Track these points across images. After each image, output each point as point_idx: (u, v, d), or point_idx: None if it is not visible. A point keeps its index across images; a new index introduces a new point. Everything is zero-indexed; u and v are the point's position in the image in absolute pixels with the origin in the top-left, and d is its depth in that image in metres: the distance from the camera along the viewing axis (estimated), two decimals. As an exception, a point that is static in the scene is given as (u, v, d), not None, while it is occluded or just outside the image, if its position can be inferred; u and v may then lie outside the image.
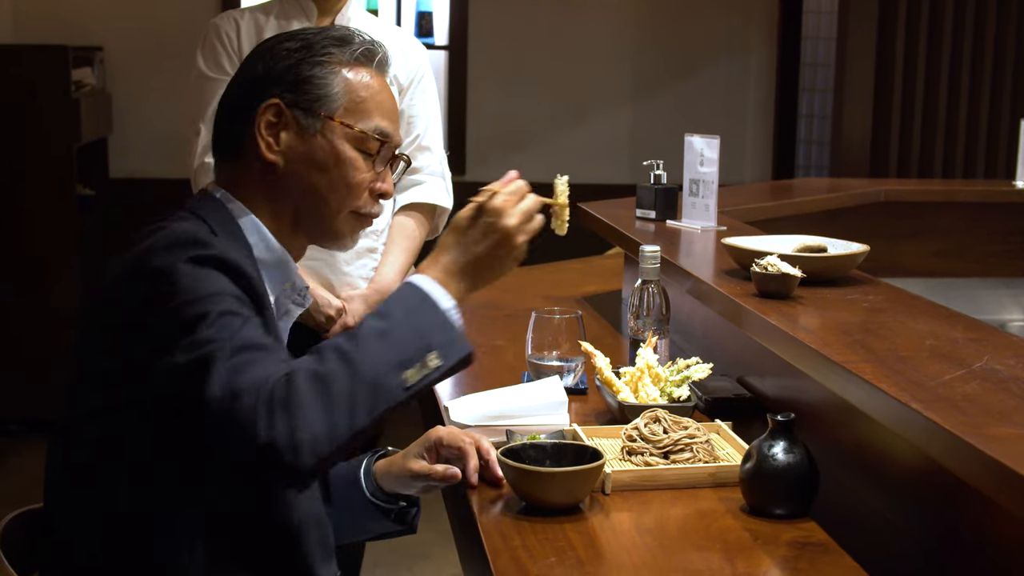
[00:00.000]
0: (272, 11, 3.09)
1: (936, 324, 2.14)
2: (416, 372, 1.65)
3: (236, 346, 1.60)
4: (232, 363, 1.58)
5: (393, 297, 1.75)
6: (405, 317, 1.69)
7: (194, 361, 1.59)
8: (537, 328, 2.56)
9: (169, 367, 1.61)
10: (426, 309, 1.72)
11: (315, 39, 1.88)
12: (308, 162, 1.85)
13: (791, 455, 1.90)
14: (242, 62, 1.94)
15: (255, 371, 1.58)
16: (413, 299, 1.73)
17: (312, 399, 1.57)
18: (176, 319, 1.62)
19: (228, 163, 1.90)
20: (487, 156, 6.78)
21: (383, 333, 1.66)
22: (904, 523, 1.89)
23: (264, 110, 1.83)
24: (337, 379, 1.59)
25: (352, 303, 3.00)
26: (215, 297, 1.64)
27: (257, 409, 1.55)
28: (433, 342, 1.68)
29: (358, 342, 1.63)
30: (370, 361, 1.62)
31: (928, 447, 1.59)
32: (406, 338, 1.67)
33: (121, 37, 6.48)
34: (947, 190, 4.88)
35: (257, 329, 1.66)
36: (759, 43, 7.08)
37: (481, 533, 1.84)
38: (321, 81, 1.85)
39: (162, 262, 1.66)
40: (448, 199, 3.19)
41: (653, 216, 3.35)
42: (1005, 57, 6.51)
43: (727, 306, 2.37)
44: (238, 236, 1.83)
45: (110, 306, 1.71)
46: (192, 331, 1.60)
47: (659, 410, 2.16)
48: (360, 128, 1.86)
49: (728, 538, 1.84)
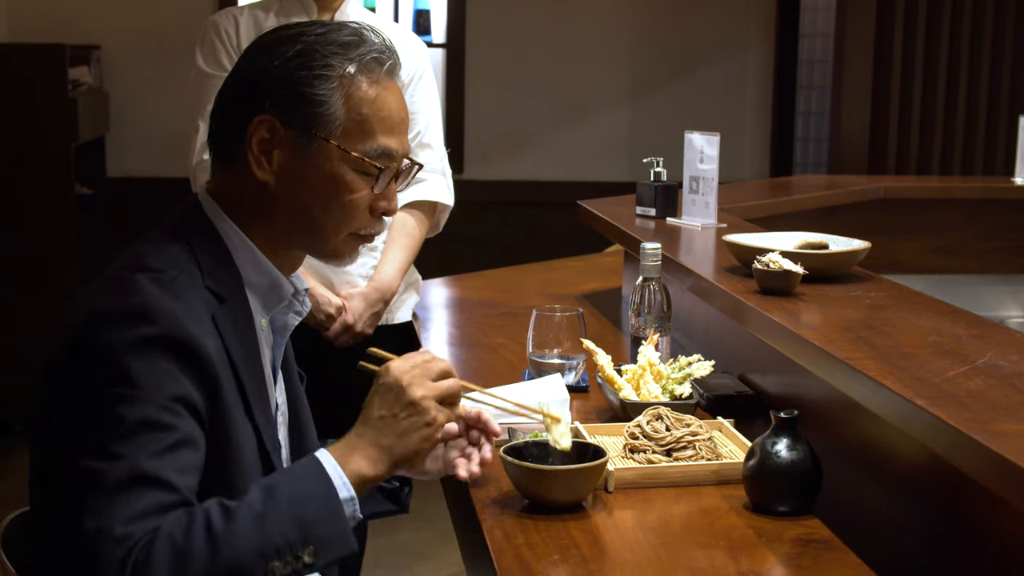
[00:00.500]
0: (272, 8, 3.08)
1: (939, 320, 2.14)
2: (284, 566, 1.53)
3: (124, 476, 1.51)
4: (111, 500, 1.50)
5: (292, 471, 1.66)
6: (290, 502, 1.57)
7: (83, 472, 1.53)
8: (538, 326, 2.55)
9: (65, 460, 1.56)
10: (317, 496, 1.60)
11: (318, 43, 1.75)
12: (302, 183, 1.75)
13: (794, 452, 1.90)
14: (240, 55, 1.83)
15: (126, 520, 1.49)
16: (309, 480, 1.62)
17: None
18: (93, 412, 1.56)
19: (223, 167, 1.81)
20: (485, 155, 6.78)
21: (260, 516, 1.54)
22: (907, 520, 1.89)
23: (257, 125, 1.72)
24: (196, 562, 1.49)
25: (352, 301, 2.99)
26: (139, 400, 1.55)
27: (112, 569, 1.47)
28: (312, 535, 1.56)
29: (232, 521, 1.53)
30: (236, 547, 1.51)
31: (933, 443, 1.58)
32: (283, 526, 1.55)
33: (118, 36, 6.47)
34: (946, 187, 4.88)
35: (164, 444, 1.55)
36: (757, 41, 7.08)
37: (484, 532, 1.84)
38: (319, 98, 1.72)
39: (104, 343, 1.57)
40: (449, 196, 3.19)
41: (653, 213, 3.34)
42: (1003, 54, 6.51)
43: (729, 303, 2.37)
44: (226, 262, 1.75)
45: (57, 356, 1.64)
46: (99, 433, 1.54)
47: (661, 408, 2.16)
48: (358, 153, 1.74)
49: (732, 535, 1.83)
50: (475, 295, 3.70)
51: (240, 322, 1.74)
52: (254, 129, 1.73)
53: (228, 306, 1.72)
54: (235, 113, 1.76)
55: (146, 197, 6.41)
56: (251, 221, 1.79)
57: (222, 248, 1.76)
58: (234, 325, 1.72)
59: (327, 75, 1.73)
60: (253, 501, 1.56)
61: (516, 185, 6.89)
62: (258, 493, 1.58)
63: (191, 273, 1.69)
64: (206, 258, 1.73)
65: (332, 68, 1.73)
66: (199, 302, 1.67)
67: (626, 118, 7.00)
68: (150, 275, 1.65)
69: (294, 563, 1.54)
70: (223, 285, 1.73)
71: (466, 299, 3.66)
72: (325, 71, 1.73)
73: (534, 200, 6.89)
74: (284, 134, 1.73)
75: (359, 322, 2.98)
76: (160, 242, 1.74)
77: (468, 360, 2.86)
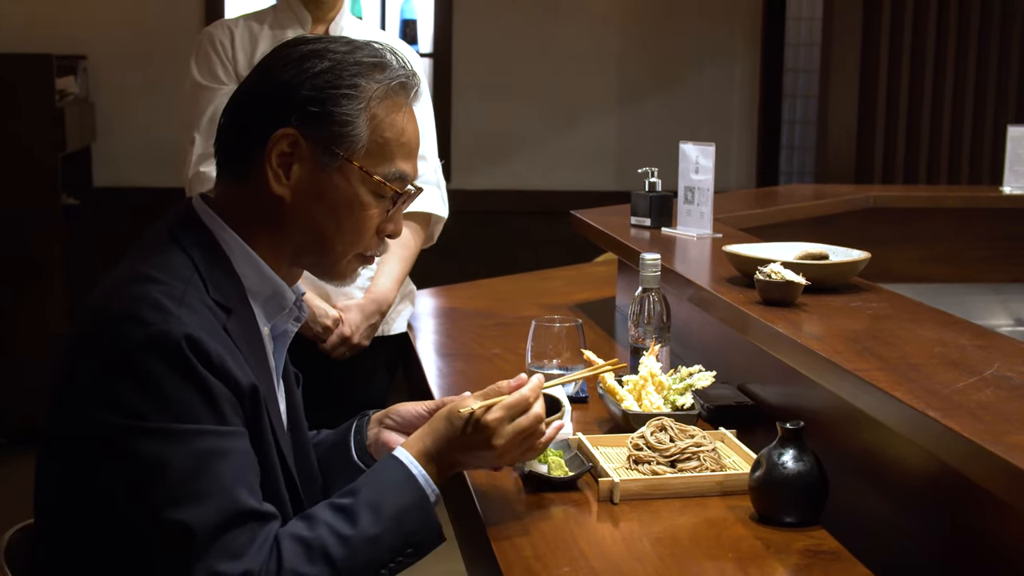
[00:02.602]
0: (266, 19, 3.08)
1: (942, 331, 2.14)
2: (389, 573, 1.70)
3: (212, 521, 1.54)
4: (212, 552, 1.53)
5: (389, 483, 1.74)
6: (396, 519, 1.70)
7: (171, 526, 1.53)
8: (537, 336, 2.55)
9: (143, 510, 1.55)
10: (417, 507, 1.74)
11: (345, 61, 1.74)
12: (318, 200, 1.74)
13: (801, 463, 1.90)
14: (258, 67, 1.80)
15: (235, 564, 1.54)
16: (407, 494, 1.74)
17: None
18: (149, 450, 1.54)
19: (230, 179, 1.79)
20: (472, 164, 6.78)
21: (373, 539, 1.67)
22: (913, 530, 1.89)
23: (278, 139, 1.71)
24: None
25: (348, 313, 2.98)
26: (188, 432, 1.56)
27: None
28: (412, 541, 1.72)
29: (349, 547, 1.65)
30: (356, 570, 1.65)
31: (946, 455, 1.58)
32: (392, 543, 1.69)
33: (105, 46, 6.45)
34: (935, 196, 4.89)
35: (234, 465, 1.58)
36: (743, 50, 7.10)
37: (492, 543, 1.83)
38: (345, 117, 1.71)
39: (140, 371, 1.55)
40: (443, 208, 3.19)
41: (648, 223, 3.34)
42: (988, 62, 6.54)
43: (731, 314, 2.37)
44: (227, 271, 1.74)
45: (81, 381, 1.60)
46: (163, 473, 1.53)
47: (665, 419, 2.16)
48: (379, 176, 1.75)
49: (740, 547, 1.83)
50: (468, 305, 3.70)
51: (247, 331, 1.74)
52: (275, 142, 1.72)
53: (235, 317, 1.71)
54: (252, 125, 1.74)
55: (132, 207, 6.40)
56: (257, 234, 1.77)
57: (222, 257, 1.75)
58: (243, 335, 1.72)
59: (354, 95, 1.73)
60: (366, 526, 1.67)
61: (503, 195, 6.89)
62: (368, 516, 1.68)
63: (195, 285, 1.68)
64: (207, 268, 1.71)
65: (360, 88, 1.73)
66: (210, 315, 1.66)
67: (613, 127, 7.00)
68: (161, 288, 1.63)
69: (397, 567, 1.70)
70: (227, 296, 1.71)
71: (459, 309, 3.66)
72: (352, 91, 1.73)
73: (520, 210, 6.89)
74: (306, 150, 1.72)
75: (356, 334, 2.97)
76: (157, 251, 1.71)
77: (465, 371, 2.86)
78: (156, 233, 1.76)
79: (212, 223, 1.76)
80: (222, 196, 1.80)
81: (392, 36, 3.32)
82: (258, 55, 3.00)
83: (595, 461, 2.10)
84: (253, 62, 3.00)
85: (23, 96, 5.57)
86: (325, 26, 3.08)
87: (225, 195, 1.80)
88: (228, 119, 1.80)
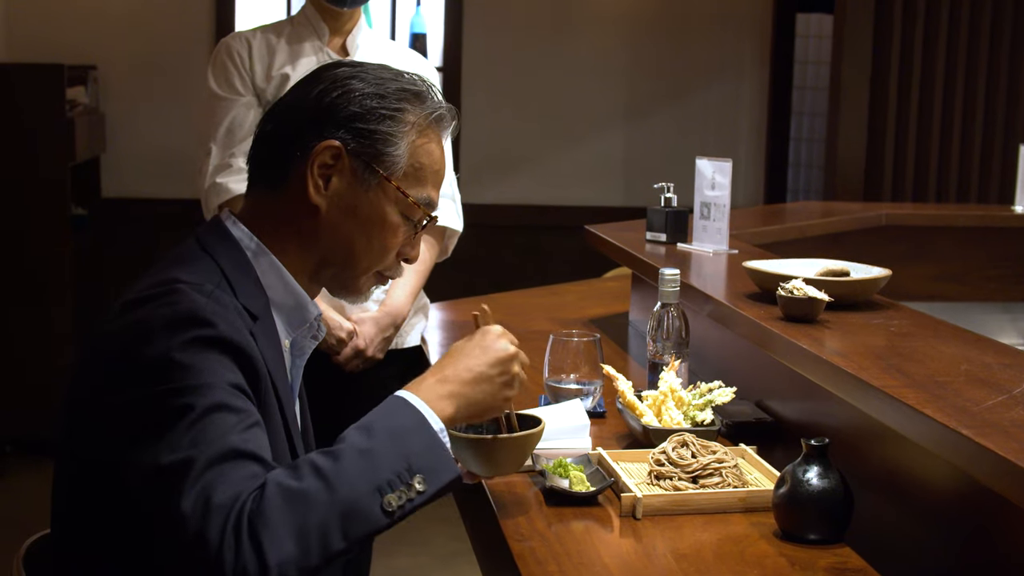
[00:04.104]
0: (283, 31, 3.08)
1: (966, 348, 2.14)
2: (398, 497, 1.56)
3: (213, 455, 1.50)
4: (206, 477, 1.48)
5: (380, 411, 1.66)
6: (391, 435, 1.60)
7: (169, 467, 1.50)
8: (555, 351, 2.54)
9: (144, 466, 1.52)
10: (415, 428, 1.63)
11: (389, 86, 1.79)
12: (351, 215, 1.78)
13: (826, 480, 1.89)
14: (303, 82, 1.84)
15: (228, 487, 1.48)
16: (401, 416, 1.65)
17: (284, 522, 1.47)
18: (161, 409, 1.54)
19: (265, 190, 1.81)
20: (480, 178, 6.78)
21: (366, 452, 1.56)
22: (937, 548, 1.88)
23: (323, 149, 1.75)
24: (311, 500, 1.50)
25: (363, 326, 2.98)
26: (206, 388, 1.55)
27: (226, 536, 1.45)
28: (419, 465, 1.59)
29: (338, 459, 1.54)
30: (349, 482, 1.53)
31: (979, 474, 1.58)
32: (390, 459, 1.57)
33: (115, 56, 6.46)
34: (947, 214, 4.89)
35: (244, 424, 1.56)
36: (752, 66, 7.11)
37: (515, 558, 1.82)
38: (389, 138, 1.77)
39: (159, 347, 1.56)
40: (458, 221, 3.18)
41: (663, 239, 3.34)
42: (998, 82, 6.54)
43: (752, 330, 2.36)
44: (253, 280, 1.77)
45: (100, 369, 1.63)
46: (174, 427, 1.52)
47: (687, 434, 2.15)
48: (414, 199, 1.80)
49: (765, 563, 1.82)
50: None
51: (271, 340, 1.76)
52: (319, 153, 1.75)
53: (260, 324, 1.73)
54: (296, 134, 1.78)
55: (140, 217, 6.41)
56: (286, 242, 1.80)
57: (249, 267, 1.78)
58: (267, 343, 1.73)
59: (400, 119, 1.78)
60: (354, 440, 1.58)
61: (510, 209, 6.89)
62: (356, 433, 1.60)
63: (225, 289, 1.70)
64: (234, 275, 1.74)
65: (405, 112, 1.79)
66: (239, 317, 1.68)
67: (621, 143, 7.00)
68: (190, 286, 1.65)
69: (407, 492, 1.57)
70: (253, 303, 1.74)
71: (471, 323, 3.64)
72: (398, 114, 1.78)
73: (528, 224, 6.89)
74: (347, 164, 1.76)
75: (370, 347, 2.97)
76: (186, 260, 1.74)
77: (481, 385, 2.84)
78: (185, 245, 1.80)
79: (240, 234, 1.80)
80: (253, 206, 1.83)
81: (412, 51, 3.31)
82: (276, 67, 3.01)
83: (616, 476, 2.09)
84: (270, 74, 3.00)
85: (33, 105, 5.57)
86: (342, 39, 3.08)
87: (257, 205, 1.83)
88: (270, 126, 1.83)
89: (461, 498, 2.34)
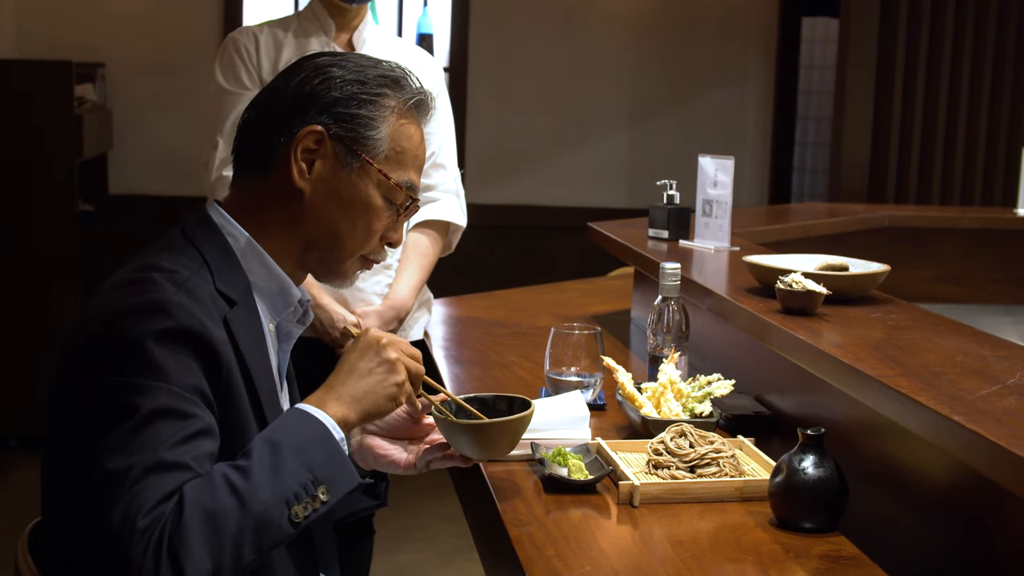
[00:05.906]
0: (290, 26, 3.10)
1: (962, 342, 2.16)
2: (304, 508, 1.64)
3: (147, 464, 1.57)
4: (134, 491, 1.55)
5: (285, 424, 1.71)
6: (296, 448, 1.66)
7: (108, 474, 1.58)
8: (556, 344, 2.56)
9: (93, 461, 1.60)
10: (317, 440, 1.70)
11: (369, 73, 1.84)
12: (335, 199, 1.82)
13: (821, 469, 1.91)
14: (286, 71, 1.88)
15: (152, 504, 1.55)
16: (305, 430, 1.70)
17: (200, 539, 1.55)
18: (111, 402, 1.60)
19: (249, 177, 1.85)
20: (486, 178, 6.80)
21: (274, 468, 1.63)
22: (932, 536, 1.89)
23: (305, 134, 1.79)
24: (226, 517, 1.57)
25: (367, 319, 3.00)
26: (156, 389, 1.60)
27: (147, 557, 1.53)
28: (323, 476, 1.66)
29: (248, 475, 1.61)
30: (259, 498, 1.60)
31: (971, 460, 1.59)
32: (296, 472, 1.64)
33: (123, 54, 6.49)
34: (950, 216, 4.90)
35: (184, 433, 1.61)
36: (757, 70, 7.13)
37: (513, 543, 1.84)
38: (370, 122, 1.82)
39: (121, 336, 1.63)
40: (462, 217, 3.21)
41: (666, 236, 3.36)
42: (1002, 86, 6.56)
43: (752, 323, 2.38)
44: (234, 266, 1.80)
45: (71, 352, 1.69)
46: (117, 427, 1.59)
47: (685, 424, 2.17)
48: (396, 180, 1.84)
49: (760, 551, 1.84)
50: (484, 315, 3.71)
51: (250, 325, 1.80)
52: (302, 138, 1.79)
53: (238, 309, 1.77)
54: (279, 120, 1.81)
55: (147, 215, 6.44)
56: (270, 227, 1.84)
57: (229, 252, 1.82)
58: (244, 328, 1.78)
59: (380, 103, 1.83)
60: (263, 456, 1.64)
61: (515, 209, 6.92)
62: (263, 448, 1.65)
63: (203, 276, 1.75)
64: (215, 261, 1.78)
65: (386, 97, 1.84)
66: (212, 304, 1.72)
67: (625, 144, 7.02)
68: (164, 274, 1.70)
69: (312, 503, 1.65)
70: (233, 289, 1.78)
71: (475, 318, 3.67)
72: (379, 99, 1.83)
73: (532, 224, 6.91)
74: (331, 148, 1.81)
75: (374, 339, 2.98)
76: (169, 248, 1.79)
77: (483, 377, 2.87)
78: (171, 234, 1.84)
79: (223, 221, 1.83)
80: (237, 194, 1.87)
81: (418, 48, 3.33)
82: (282, 62, 3.03)
83: (615, 465, 2.11)
84: (277, 68, 3.02)
85: (42, 102, 5.60)
86: (349, 34, 3.10)
87: (241, 192, 1.87)
88: (254, 114, 1.87)
89: (461, 485, 2.36)
